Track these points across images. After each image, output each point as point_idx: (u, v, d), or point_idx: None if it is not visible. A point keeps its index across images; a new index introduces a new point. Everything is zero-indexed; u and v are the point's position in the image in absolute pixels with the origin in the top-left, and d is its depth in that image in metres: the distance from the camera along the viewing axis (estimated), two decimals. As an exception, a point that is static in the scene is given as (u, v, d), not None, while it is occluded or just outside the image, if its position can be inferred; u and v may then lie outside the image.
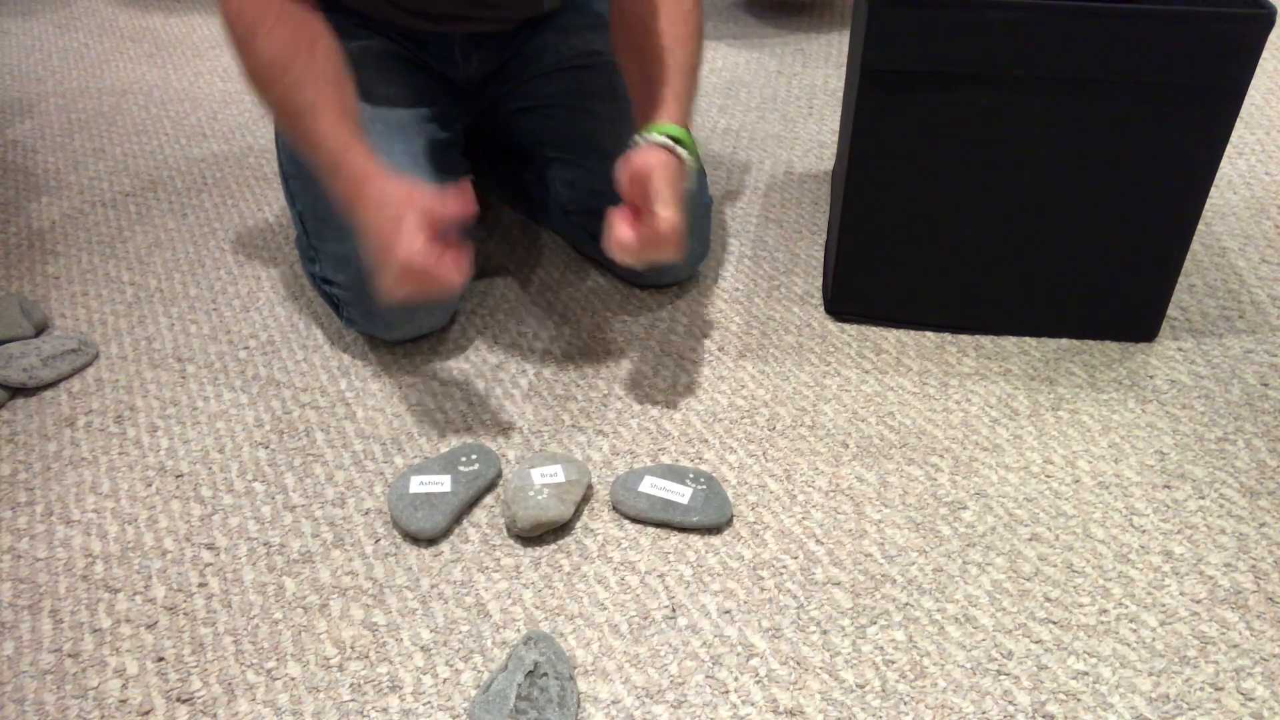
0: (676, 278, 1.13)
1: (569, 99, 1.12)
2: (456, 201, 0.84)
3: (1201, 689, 0.71)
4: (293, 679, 0.73)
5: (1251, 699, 0.70)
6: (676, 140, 0.90)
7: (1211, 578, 0.79)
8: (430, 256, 0.81)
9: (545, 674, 0.70)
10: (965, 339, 1.05)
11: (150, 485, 0.89)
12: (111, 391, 1.00)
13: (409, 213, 0.82)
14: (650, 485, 0.86)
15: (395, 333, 1.03)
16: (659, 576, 0.80)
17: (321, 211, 0.99)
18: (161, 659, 0.74)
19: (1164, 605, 0.77)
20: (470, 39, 1.12)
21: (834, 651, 0.74)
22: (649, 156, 0.88)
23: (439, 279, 0.82)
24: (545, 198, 1.16)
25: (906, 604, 0.77)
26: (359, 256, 0.95)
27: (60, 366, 1.02)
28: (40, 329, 1.09)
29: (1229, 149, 1.40)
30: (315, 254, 1.04)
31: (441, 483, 0.86)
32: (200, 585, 0.80)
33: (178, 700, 0.71)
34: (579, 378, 1.01)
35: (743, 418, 0.95)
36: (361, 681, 0.72)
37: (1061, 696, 0.70)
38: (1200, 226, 1.22)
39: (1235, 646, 0.74)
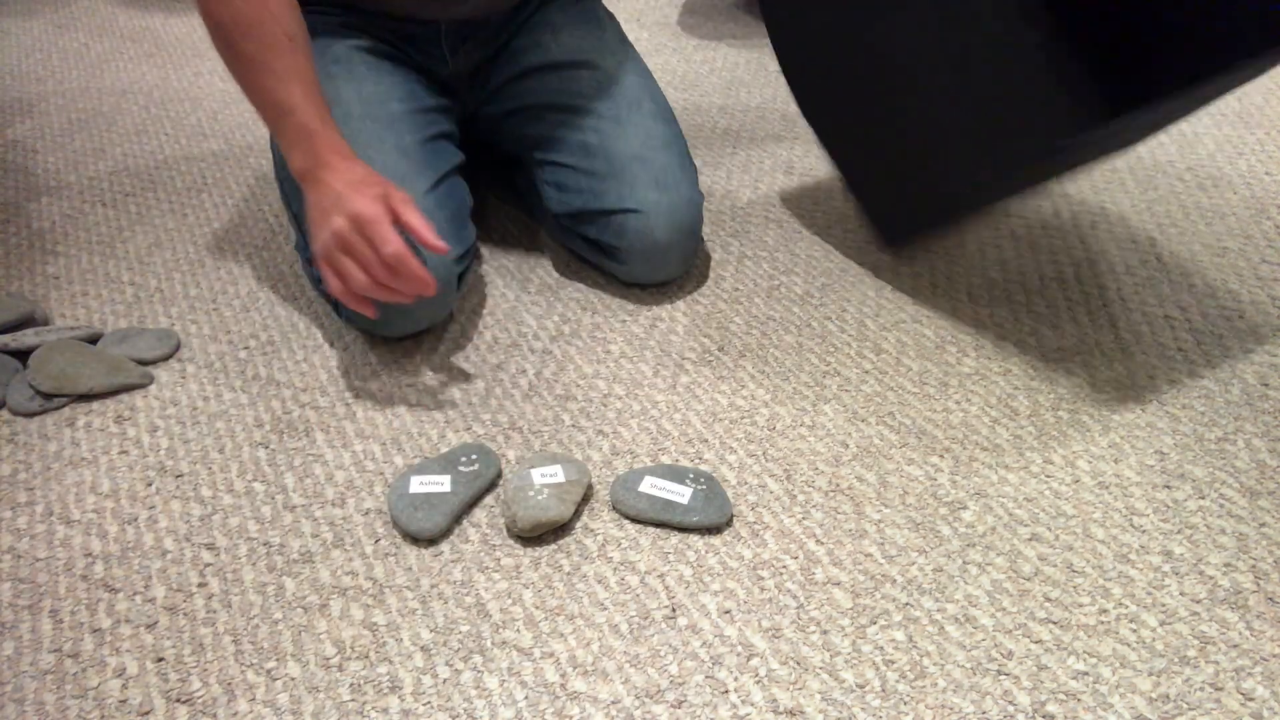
0: (669, 276, 1.12)
1: (557, 100, 1.11)
2: (418, 217, 0.88)
3: (1201, 689, 0.71)
4: (293, 679, 0.73)
5: (1251, 699, 0.70)
6: None
7: (1211, 578, 0.79)
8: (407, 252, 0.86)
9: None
10: (965, 339, 1.05)
11: (150, 485, 0.89)
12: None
13: (391, 198, 0.87)
14: (650, 485, 0.86)
15: (393, 329, 1.03)
16: (659, 576, 0.80)
17: None
18: (161, 659, 0.74)
19: (1164, 605, 0.77)
20: (458, 31, 1.11)
21: (834, 651, 0.74)
22: None
23: (417, 277, 0.87)
24: (537, 201, 1.16)
25: (906, 604, 0.77)
26: None
27: (60, 366, 1.02)
28: (40, 329, 1.09)
29: (1229, 149, 1.39)
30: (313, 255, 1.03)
31: (441, 483, 0.86)
32: (200, 585, 0.80)
33: (178, 700, 0.71)
34: (579, 378, 1.01)
35: (743, 418, 0.95)
36: (361, 681, 0.72)
37: (1061, 696, 0.70)
38: (1201, 226, 1.22)
39: (1235, 646, 0.74)
